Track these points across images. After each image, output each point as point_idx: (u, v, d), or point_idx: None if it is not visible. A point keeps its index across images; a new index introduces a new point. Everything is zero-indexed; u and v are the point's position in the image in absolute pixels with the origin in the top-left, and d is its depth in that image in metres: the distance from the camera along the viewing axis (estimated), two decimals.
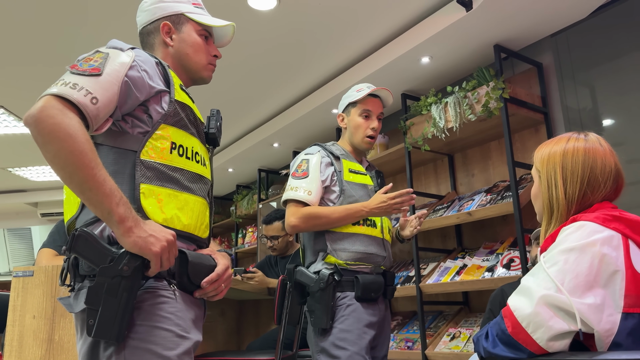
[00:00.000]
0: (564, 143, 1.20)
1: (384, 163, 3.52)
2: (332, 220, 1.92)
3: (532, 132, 2.94)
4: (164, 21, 1.34)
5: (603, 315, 0.97)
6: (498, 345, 1.05)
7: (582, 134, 1.21)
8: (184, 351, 1.11)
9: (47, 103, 1.00)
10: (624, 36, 2.59)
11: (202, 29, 1.38)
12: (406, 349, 3.05)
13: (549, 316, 0.98)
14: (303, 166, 2.00)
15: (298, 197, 1.93)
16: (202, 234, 1.26)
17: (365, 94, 2.06)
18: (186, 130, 1.23)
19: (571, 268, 1.00)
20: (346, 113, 2.14)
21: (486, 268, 2.76)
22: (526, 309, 1.01)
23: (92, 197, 1.01)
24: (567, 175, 1.16)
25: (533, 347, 1.00)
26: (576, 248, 1.02)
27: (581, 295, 0.98)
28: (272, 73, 3.53)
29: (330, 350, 1.82)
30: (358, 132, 2.08)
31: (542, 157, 1.22)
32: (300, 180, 1.97)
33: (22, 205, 6.46)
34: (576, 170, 1.15)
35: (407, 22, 2.95)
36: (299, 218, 1.91)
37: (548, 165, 1.20)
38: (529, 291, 1.03)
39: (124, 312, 1.03)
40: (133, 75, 1.14)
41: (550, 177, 1.19)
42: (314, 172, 1.98)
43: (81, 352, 1.11)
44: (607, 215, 1.05)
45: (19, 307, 1.98)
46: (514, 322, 1.02)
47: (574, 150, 1.17)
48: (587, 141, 1.18)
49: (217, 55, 1.42)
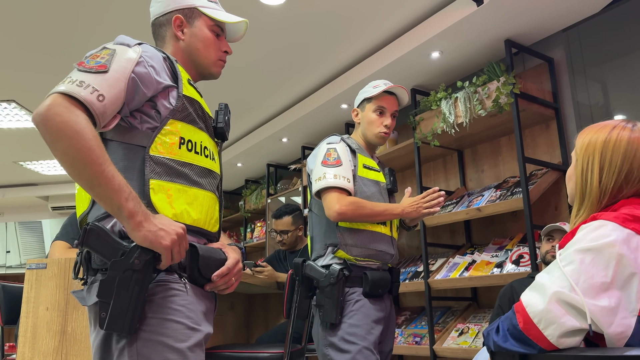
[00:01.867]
0: (608, 131, 1.15)
1: (393, 158, 3.52)
2: (374, 213, 1.90)
3: (543, 127, 2.92)
4: (176, 14, 1.34)
5: (616, 318, 0.95)
6: (509, 340, 1.05)
7: (630, 122, 1.16)
8: (195, 343, 1.12)
9: (54, 101, 1.01)
10: (636, 32, 2.56)
11: (214, 24, 1.38)
12: (414, 344, 3.05)
13: (561, 313, 0.97)
14: (333, 154, 1.96)
15: (340, 185, 1.88)
16: (212, 228, 1.27)
17: (381, 90, 2.05)
18: (195, 125, 1.24)
19: (587, 269, 0.98)
20: (361, 108, 2.12)
21: (495, 264, 2.75)
22: (538, 305, 1.00)
23: (102, 192, 1.02)
24: (605, 165, 1.12)
25: (544, 344, 0.99)
26: (593, 248, 1.00)
27: (595, 297, 0.96)
28: (281, 67, 3.53)
29: (340, 344, 1.82)
30: (371, 127, 2.06)
31: (582, 143, 1.18)
32: (335, 168, 1.92)
33: (33, 198, 6.51)
34: (615, 161, 1.11)
35: (417, 16, 2.94)
36: (347, 205, 1.85)
37: (587, 152, 1.16)
38: (543, 288, 1.02)
39: (136, 305, 1.04)
40: (140, 71, 1.14)
41: (588, 163, 1.15)
42: (346, 160, 1.95)
43: (94, 345, 1.12)
44: (628, 215, 1.02)
45: (33, 299, 2.01)
46: (525, 318, 1.02)
47: (617, 141, 1.12)
48: (633, 132, 1.13)
49: (228, 51, 1.41)
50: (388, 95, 2.09)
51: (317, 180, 1.94)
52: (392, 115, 2.09)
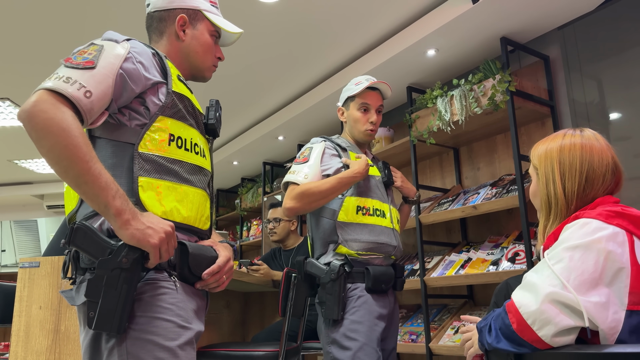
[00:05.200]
0: (560, 139, 1.20)
1: (389, 156, 3.51)
2: (324, 190, 1.88)
3: (539, 125, 2.92)
4: (181, 13, 1.33)
5: (609, 312, 0.96)
6: (502, 340, 1.05)
7: (577, 130, 1.21)
8: (186, 341, 1.11)
9: (40, 98, 1.00)
10: (632, 29, 2.55)
11: (214, 30, 1.38)
12: (410, 342, 3.05)
13: (555, 313, 0.97)
14: (305, 153, 2.01)
15: (295, 180, 1.92)
16: (203, 225, 1.26)
17: (363, 87, 2.05)
18: (184, 122, 1.23)
19: (576, 265, 0.99)
20: (345, 107, 2.13)
21: (491, 262, 2.75)
22: (531, 305, 1.00)
23: (88, 190, 1.01)
24: (565, 170, 1.16)
25: (539, 344, 1.00)
26: (581, 245, 1.01)
27: (586, 293, 0.97)
28: (277, 65, 3.52)
29: (341, 341, 1.82)
30: (357, 125, 2.08)
31: (539, 155, 1.23)
32: (299, 165, 1.97)
33: (29, 197, 6.50)
34: (574, 165, 1.15)
35: (413, 14, 2.93)
36: (293, 198, 1.88)
37: (545, 162, 1.20)
38: (534, 287, 1.02)
39: (124, 304, 1.03)
40: (128, 68, 1.13)
41: (549, 173, 1.18)
42: (315, 159, 1.97)
43: (84, 344, 1.11)
44: (610, 212, 1.04)
45: (26, 298, 2.00)
46: (519, 319, 1.02)
47: (571, 146, 1.17)
48: (583, 137, 1.18)
49: (221, 58, 1.42)
50: (371, 91, 2.09)
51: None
52: (377, 111, 2.09)
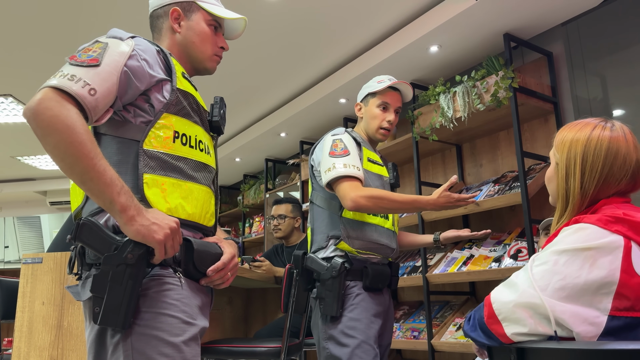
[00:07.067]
0: (589, 131, 1.14)
1: (391, 153, 3.51)
2: (397, 204, 1.84)
3: (542, 122, 2.91)
4: (174, 7, 1.33)
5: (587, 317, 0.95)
6: (476, 330, 1.09)
7: (608, 122, 1.15)
8: (190, 337, 1.11)
9: (45, 95, 1.01)
10: (636, 26, 2.55)
11: (212, 19, 1.37)
12: (412, 338, 3.05)
13: (526, 316, 0.99)
14: (340, 145, 1.92)
15: (350, 173, 1.84)
16: (208, 222, 1.26)
17: (385, 86, 2.03)
18: (189, 119, 1.23)
19: (559, 269, 0.99)
20: (364, 103, 2.11)
21: (493, 258, 2.75)
22: (506, 303, 1.03)
23: (93, 187, 1.02)
24: (587, 168, 1.12)
25: (504, 339, 1.02)
26: (568, 250, 1.00)
27: (564, 298, 0.97)
28: (279, 62, 3.52)
29: (339, 338, 1.82)
30: (373, 122, 2.05)
31: (563, 143, 1.17)
32: (343, 157, 1.88)
33: (32, 193, 6.51)
34: (596, 165, 1.11)
35: (416, 10, 2.92)
36: (364, 196, 1.79)
37: (569, 153, 1.14)
38: (515, 287, 1.04)
39: (130, 299, 1.03)
40: (133, 65, 1.13)
41: (570, 166, 1.14)
42: (353, 150, 1.92)
43: (89, 339, 1.12)
44: (610, 217, 1.01)
45: (29, 294, 2.00)
46: (490, 312, 1.05)
47: (597, 142, 1.11)
48: (612, 133, 1.12)
49: (224, 47, 1.40)
50: (392, 91, 2.07)
51: (327, 171, 1.88)
52: (395, 112, 2.08)
